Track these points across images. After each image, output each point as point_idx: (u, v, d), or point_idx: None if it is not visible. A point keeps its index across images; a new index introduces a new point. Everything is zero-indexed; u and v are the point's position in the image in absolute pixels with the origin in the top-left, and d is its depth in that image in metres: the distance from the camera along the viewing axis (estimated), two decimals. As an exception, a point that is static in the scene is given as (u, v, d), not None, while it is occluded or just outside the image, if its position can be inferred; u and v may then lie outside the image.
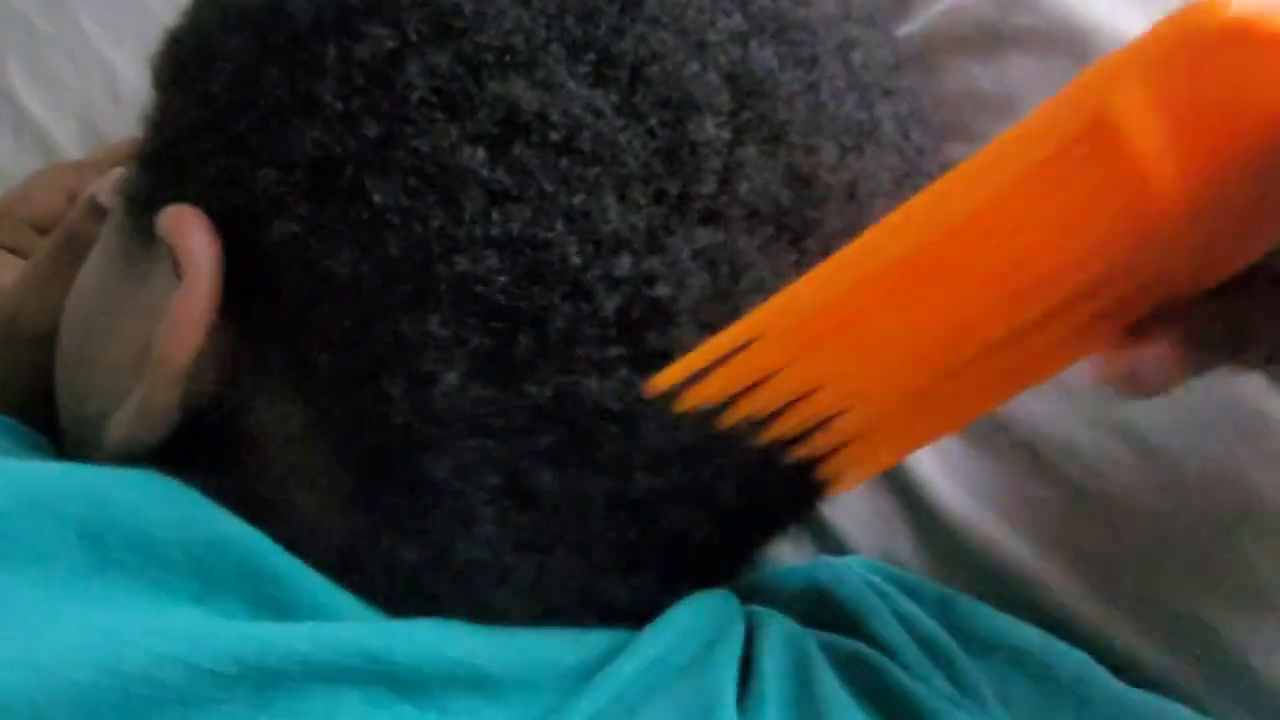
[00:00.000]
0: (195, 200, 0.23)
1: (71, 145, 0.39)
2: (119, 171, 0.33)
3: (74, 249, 0.32)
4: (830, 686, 0.23)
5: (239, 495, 0.23)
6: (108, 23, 0.39)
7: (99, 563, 0.21)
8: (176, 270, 0.23)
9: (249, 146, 0.22)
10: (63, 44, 0.39)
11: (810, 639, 0.24)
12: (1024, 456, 0.29)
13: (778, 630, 0.24)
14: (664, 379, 0.20)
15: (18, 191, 0.35)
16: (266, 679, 0.20)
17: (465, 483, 0.21)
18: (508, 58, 0.20)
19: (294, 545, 0.22)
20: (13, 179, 0.38)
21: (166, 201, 0.24)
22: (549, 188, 0.20)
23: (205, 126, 0.23)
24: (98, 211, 0.32)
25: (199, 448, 0.23)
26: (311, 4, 0.22)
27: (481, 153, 0.20)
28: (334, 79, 0.21)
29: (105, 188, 0.32)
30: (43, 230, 0.34)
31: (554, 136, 0.20)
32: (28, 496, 0.22)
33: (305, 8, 0.22)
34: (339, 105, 0.21)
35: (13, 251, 0.34)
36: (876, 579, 0.28)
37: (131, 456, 0.24)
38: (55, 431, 0.30)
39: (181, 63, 0.25)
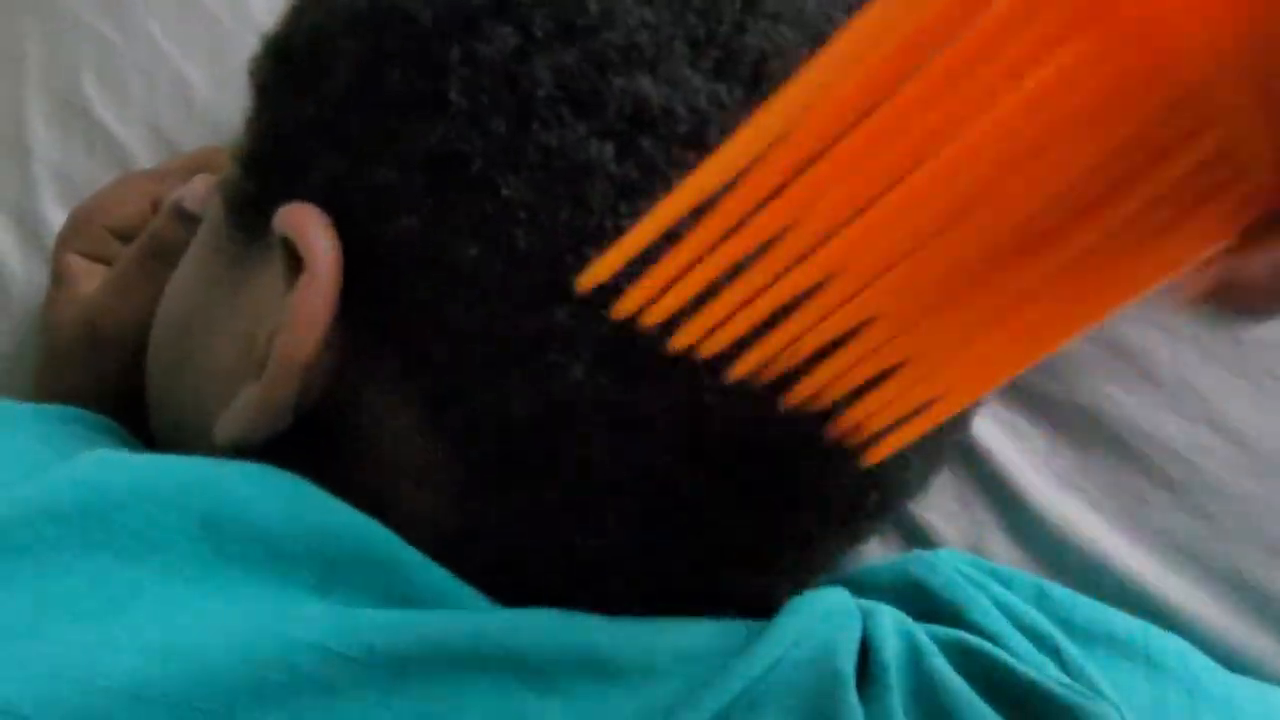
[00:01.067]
0: (309, 199, 0.24)
1: (143, 155, 0.39)
2: (203, 178, 0.33)
3: (160, 255, 0.32)
4: (947, 675, 0.23)
5: (348, 488, 0.23)
6: (177, 34, 0.40)
7: (220, 555, 0.21)
8: (291, 268, 0.23)
9: (368, 145, 0.22)
10: (133, 55, 0.40)
11: (919, 629, 0.25)
12: (1112, 446, 0.29)
13: (889, 621, 0.24)
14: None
15: (99, 199, 0.35)
16: (398, 665, 0.20)
17: (589, 475, 0.22)
18: (633, 55, 0.21)
19: (404, 536, 0.22)
20: (85, 189, 0.39)
21: (275, 202, 0.24)
22: (676, 180, 0.20)
23: (320, 127, 0.23)
24: (184, 217, 0.32)
25: (308, 442, 0.24)
26: (430, 6, 0.22)
27: (609, 148, 0.20)
28: (459, 78, 0.22)
29: (191, 194, 0.32)
30: (125, 238, 0.35)
31: (680, 130, 0.21)
32: (148, 489, 0.22)
33: (424, 9, 0.22)
34: (465, 103, 0.21)
35: (96, 259, 0.35)
36: (970, 570, 0.28)
37: (240, 453, 0.24)
38: (142, 436, 0.30)
39: (290, 64, 0.25)
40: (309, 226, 0.23)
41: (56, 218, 0.39)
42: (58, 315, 0.34)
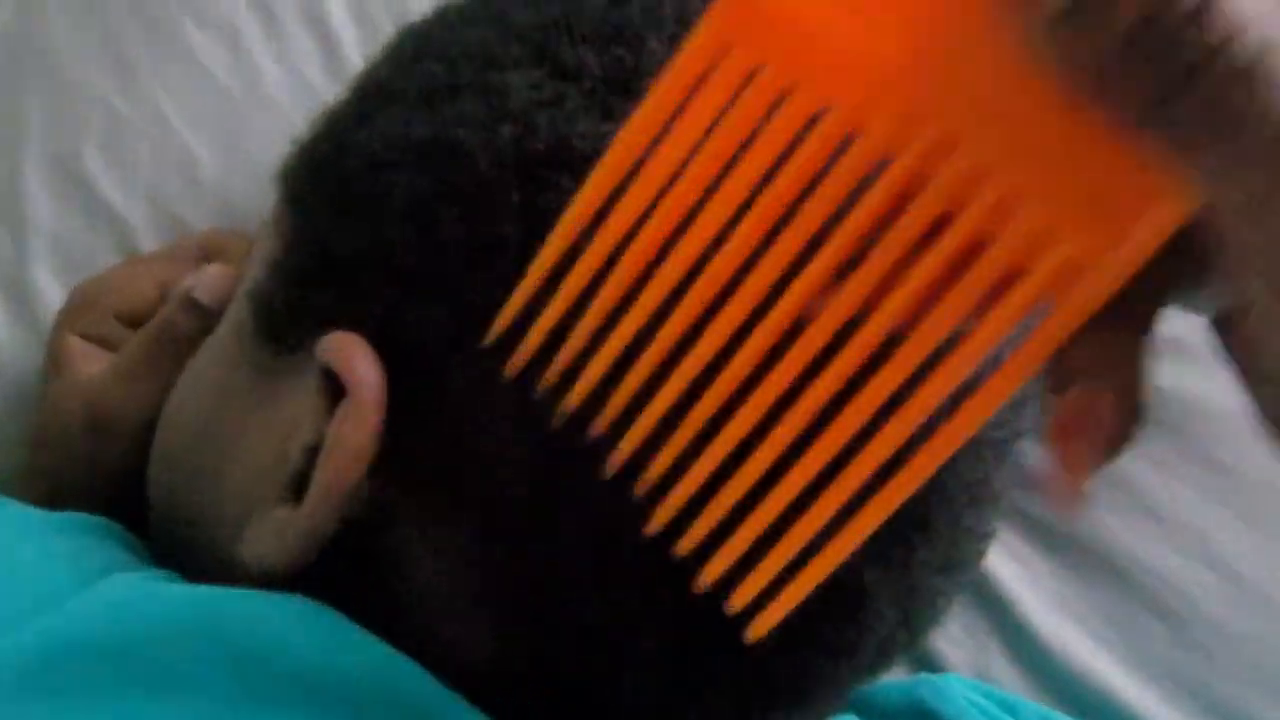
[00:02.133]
0: (352, 325, 0.23)
1: (145, 231, 0.38)
2: (218, 269, 0.33)
3: (170, 346, 0.32)
4: None
5: (378, 617, 0.23)
6: (186, 107, 0.39)
7: (252, 694, 0.21)
8: (330, 393, 0.23)
9: (421, 283, 0.22)
10: (139, 127, 0.39)
11: None
12: (1114, 579, 0.30)
13: None
14: None
15: (104, 281, 0.35)
16: None
17: (634, 632, 0.22)
18: None
19: (436, 670, 0.22)
20: (83, 261, 0.38)
21: (313, 319, 0.24)
22: None
23: (370, 257, 0.23)
24: (196, 309, 0.32)
25: (339, 568, 0.24)
26: (490, 148, 0.23)
27: None
28: (519, 225, 0.22)
29: (204, 285, 0.32)
30: (131, 323, 0.34)
31: None
32: (178, 623, 0.22)
33: (483, 150, 0.23)
34: (524, 251, 0.21)
35: (98, 342, 0.34)
36: (977, 697, 0.28)
37: (266, 576, 0.24)
38: (139, 527, 0.30)
39: (337, 185, 0.25)
40: (357, 359, 0.22)
41: (50, 289, 0.38)
42: (56, 396, 0.34)
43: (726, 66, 0.17)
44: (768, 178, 0.17)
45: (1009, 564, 0.30)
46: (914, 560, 0.23)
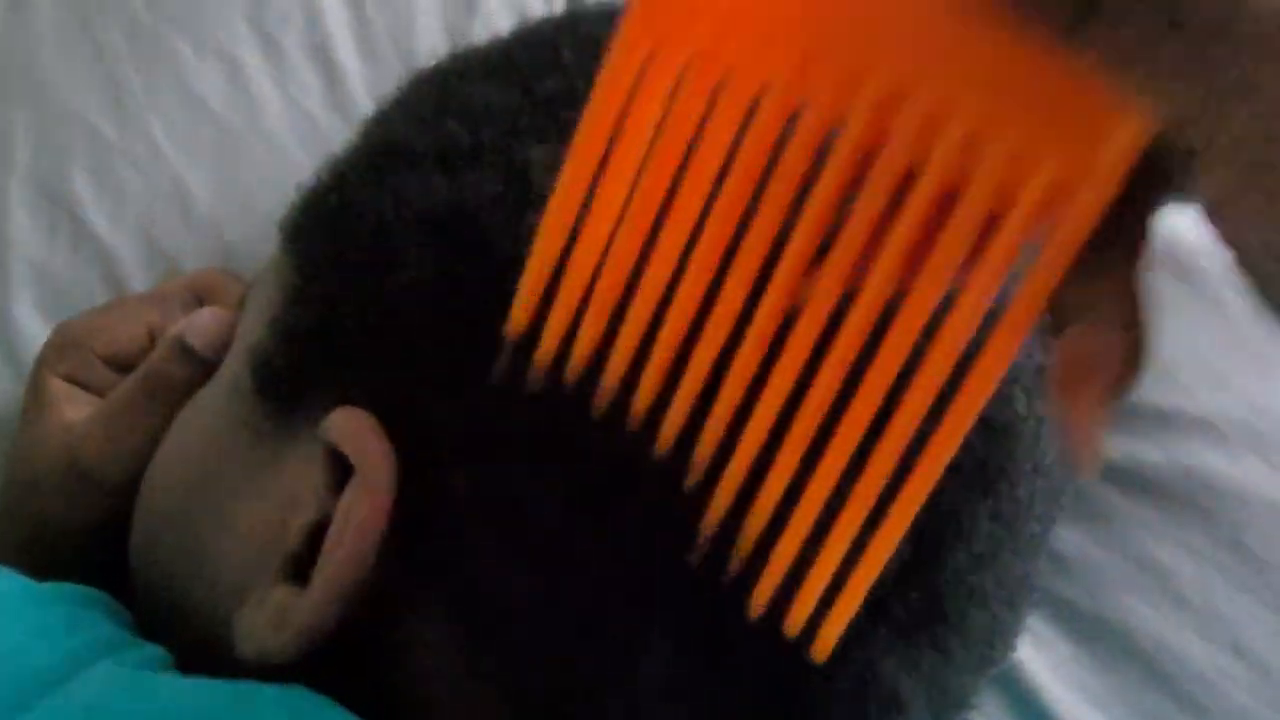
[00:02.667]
0: (359, 397, 0.22)
1: (133, 264, 0.36)
2: (211, 314, 0.31)
3: (157, 393, 0.30)
4: None
5: (377, 709, 0.21)
6: (180, 136, 0.38)
7: None
8: (335, 470, 0.22)
9: (439, 369, 0.21)
10: (130, 155, 0.38)
11: None
12: (1138, 665, 0.29)
13: None
14: None
15: (90, 321, 0.33)
16: None
17: None
18: None
19: None
20: (66, 295, 0.36)
21: (318, 385, 0.23)
22: None
23: (378, 328, 0.22)
24: (187, 355, 0.30)
25: (339, 657, 0.22)
26: (509, 231, 0.21)
27: None
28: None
29: (196, 331, 0.30)
30: (118, 367, 0.32)
31: None
32: None
33: (502, 232, 0.21)
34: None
35: (82, 385, 0.32)
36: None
37: (262, 659, 0.22)
38: (117, 581, 0.28)
39: (347, 246, 0.23)
40: (368, 442, 0.21)
41: (31, 321, 0.36)
42: (35, 440, 0.32)
43: (654, 71, 0.17)
44: (724, 173, 0.16)
45: (1032, 648, 0.29)
46: (950, 665, 0.22)
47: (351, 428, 0.21)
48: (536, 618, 0.21)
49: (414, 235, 0.22)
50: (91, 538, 0.30)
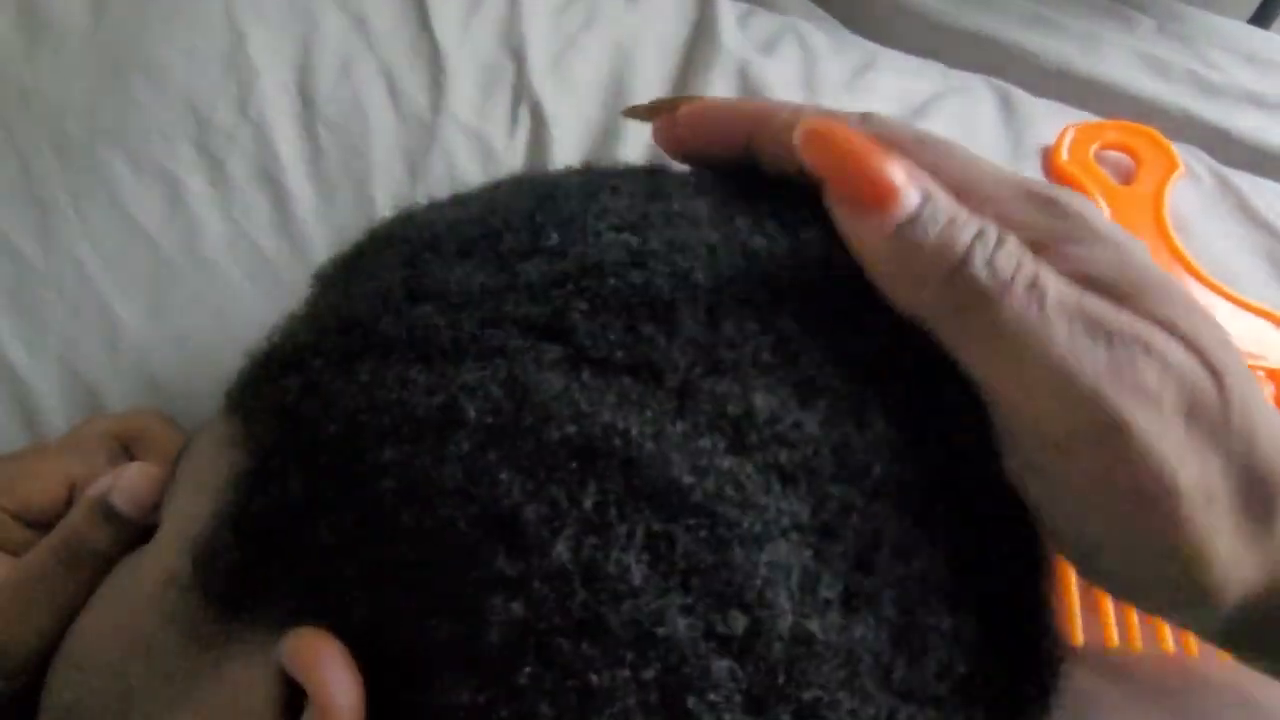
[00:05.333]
0: (320, 615, 0.20)
1: (55, 400, 0.33)
2: (140, 470, 0.29)
3: (76, 559, 0.27)
4: None
5: None
6: (111, 261, 0.35)
7: None
8: (284, 696, 0.20)
9: (414, 585, 0.20)
10: (55, 279, 0.35)
11: None
12: None
13: None
14: None
15: (3, 470, 0.30)
16: None
17: None
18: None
19: None
20: (-22, 433, 0.33)
21: (273, 599, 0.21)
22: (781, 682, 0.19)
23: (351, 541, 0.20)
24: (111, 518, 0.28)
25: None
26: (498, 417, 0.20)
27: (724, 662, 0.18)
28: (544, 526, 0.19)
29: (123, 491, 0.28)
30: (31, 523, 0.29)
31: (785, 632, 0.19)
32: None
33: (484, 402, 0.20)
34: (543, 553, 0.19)
35: (-4, 546, 0.29)
36: None
37: None
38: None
39: (307, 440, 0.21)
40: (329, 673, 0.19)
41: (-69, 459, 0.33)
42: (-69, 608, 0.29)
43: None
44: None
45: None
46: None
47: (313, 658, 0.19)
48: None
49: (394, 440, 0.20)
50: None
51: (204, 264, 0.36)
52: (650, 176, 0.25)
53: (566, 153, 0.38)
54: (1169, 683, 0.29)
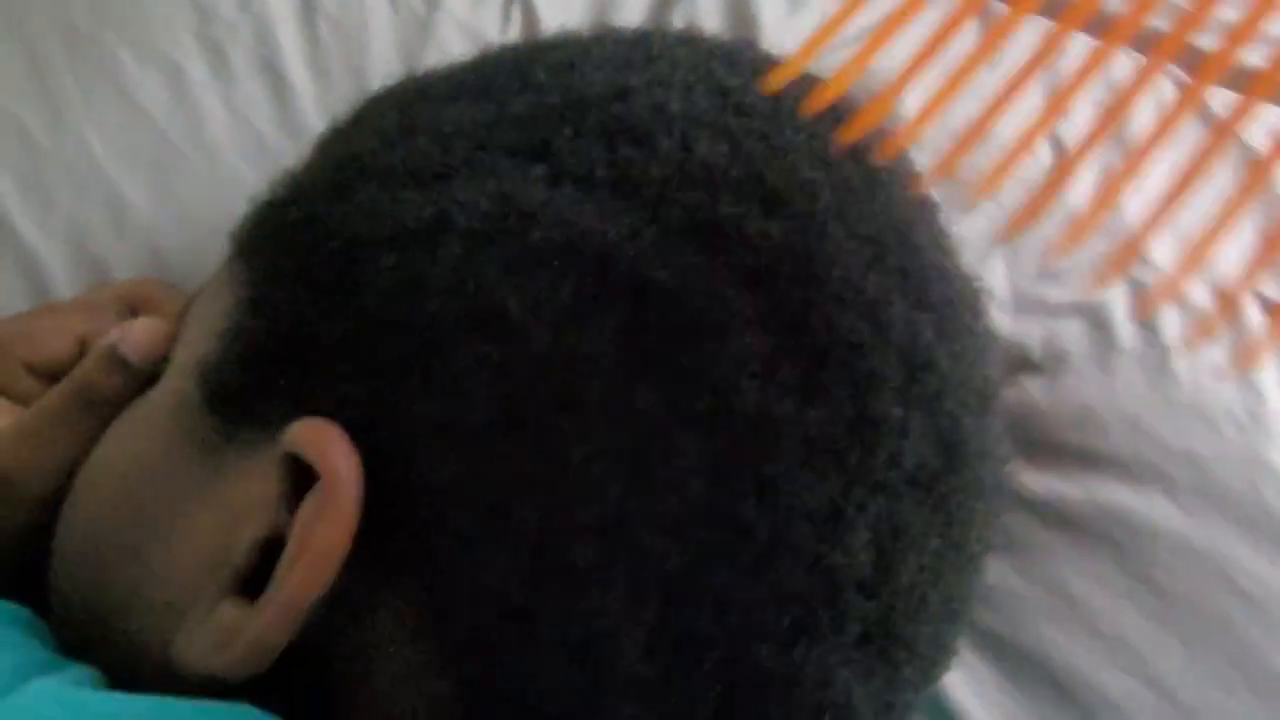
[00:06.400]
0: (323, 409, 0.22)
1: (64, 274, 0.35)
2: (146, 323, 0.30)
3: (90, 406, 0.29)
4: None
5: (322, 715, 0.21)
6: (118, 145, 0.37)
7: None
8: (293, 482, 0.22)
9: (410, 372, 0.21)
10: (63, 161, 0.36)
11: None
12: (1054, 692, 0.30)
13: None
14: None
15: (15, 327, 0.32)
16: None
17: None
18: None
19: None
20: (-9, 302, 0.35)
21: (277, 399, 0.23)
22: (743, 456, 0.20)
23: (350, 341, 0.22)
24: (121, 366, 0.29)
25: (291, 671, 0.22)
26: (485, 223, 0.21)
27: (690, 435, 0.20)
28: (525, 312, 0.21)
29: (131, 341, 0.29)
30: (42, 375, 0.31)
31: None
32: None
33: (475, 223, 0.21)
34: (524, 335, 0.20)
35: (6, 394, 0.31)
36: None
37: (209, 681, 0.21)
38: (37, 597, 0.27)
39: (311, 262, 0.23)
40: (334, 450, 0.21)
41: (-51, 328, 0.35)
42: (-50, 448, 0.30)
43: None
44: None
45: (957, 672, 0.31)
46: (897, 678, 0.22)
47: (318, 438, 0.21)
48: (509, 605, 0.21)
49: (389, 248, 0.22)
50: (7, 549, 0.29)
51: (207, 149, 0.37)
52: (637, 32, 0.27)
53: (557, 50, 0.39)
54: (1113, 533, 0.31)
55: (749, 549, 0.20)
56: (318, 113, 0.38)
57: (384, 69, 0.39)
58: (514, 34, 0.40)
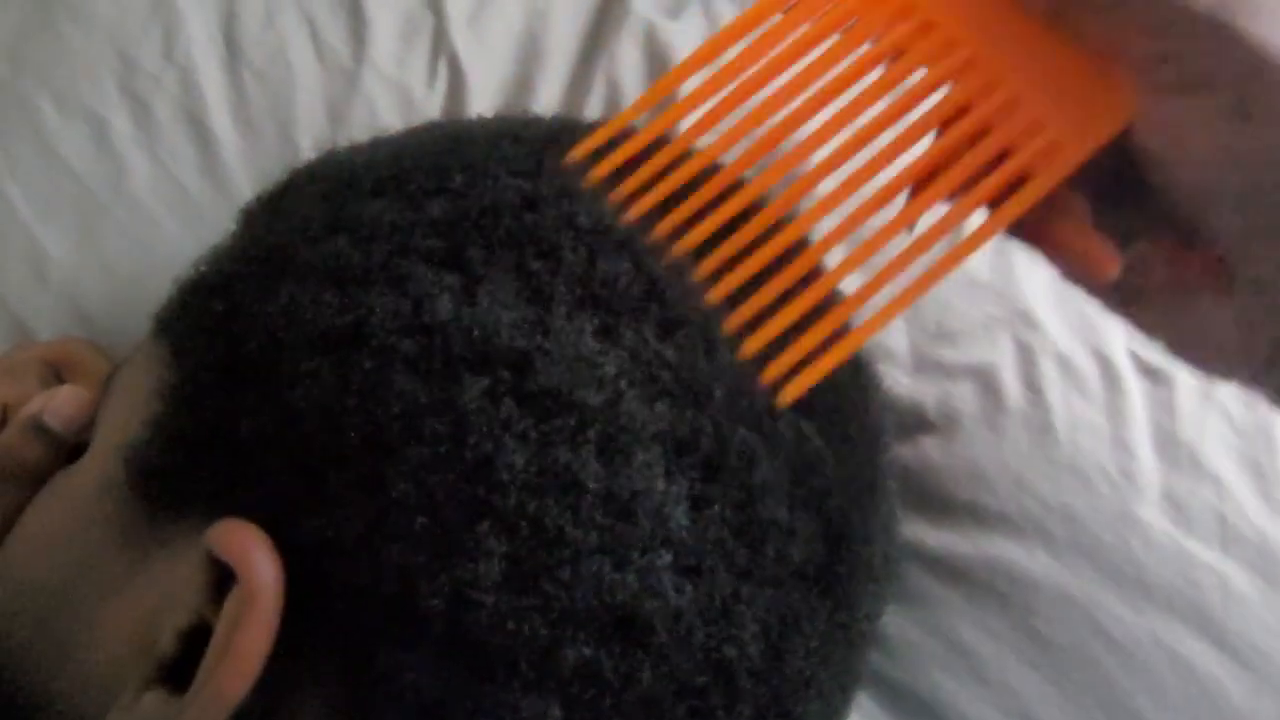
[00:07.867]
0: (246, 509, 0.23)
1: (-17, 329, 0.35)
2: (70, 391, 0.31)
3: (10, 475, 0.29)
4: None
5: None
6: (39, 197, 0.37)
7: None
8: (215, 578, 0.22)
9: (331, 482, 0.22)
10: (-19, 213, 0.36)
11: None
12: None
13: None
14: None
15: (-65, 393, 0.32)
16: None
17: None
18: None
19: None
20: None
21: (202, 491, 0.24)
22: (633, 556, 0.22)
23: (272, 442, 0.23)
24: (44, 435, 0.30)
25: None
26: (400, 335, 0.22)
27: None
28: (444, 425, 0.22)
29: (55, 410, 0.30)
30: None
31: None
32: None
33: (391, 334, 0.22)
34: (452, 449, 0.21)
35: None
36: None
37: None
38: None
39: (232, 354, 0.24)
40: (255, 556, 0.22)
41: None
42: None
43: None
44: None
45: (856, 717, 0.33)
46: None
47: (239, 543, 0.22)
48: (425, 700, 0.22)
49: (310, 353, 0.23)
50: None
51: (130, 202, 0.37)
52: (552, 127, 0.28)
53: (482, 104, 0.40)
54: (999, 585, 0.33)
55: (650, 644, 0.22)
56: (242, 165, 0.38)
57: (309, 122, 0.39)
58: (440, 88, 0.41)
